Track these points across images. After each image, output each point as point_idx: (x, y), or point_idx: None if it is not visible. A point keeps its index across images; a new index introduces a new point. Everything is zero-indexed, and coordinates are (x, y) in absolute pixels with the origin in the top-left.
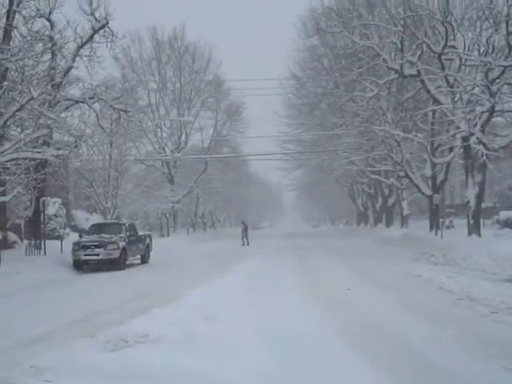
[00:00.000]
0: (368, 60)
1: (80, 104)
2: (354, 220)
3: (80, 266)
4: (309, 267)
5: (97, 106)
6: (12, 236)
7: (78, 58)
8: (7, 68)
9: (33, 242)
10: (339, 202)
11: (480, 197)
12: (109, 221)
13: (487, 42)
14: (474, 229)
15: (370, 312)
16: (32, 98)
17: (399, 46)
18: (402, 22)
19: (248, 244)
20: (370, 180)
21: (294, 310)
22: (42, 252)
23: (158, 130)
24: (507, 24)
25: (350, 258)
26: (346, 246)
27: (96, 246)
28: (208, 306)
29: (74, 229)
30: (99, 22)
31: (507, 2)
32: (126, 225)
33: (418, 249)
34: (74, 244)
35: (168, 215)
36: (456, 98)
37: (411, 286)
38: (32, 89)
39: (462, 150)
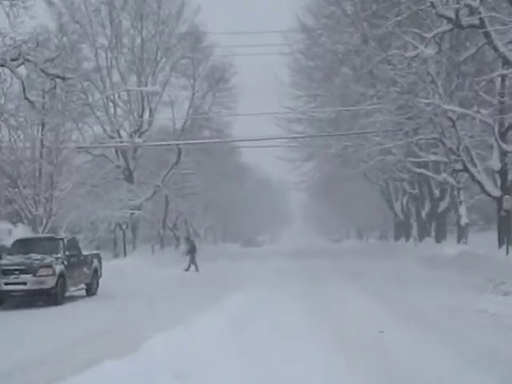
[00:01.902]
0: (410, 4)
1: None
2: (391, 232)
3: None
4: (326, 302)
5: (22, 70)
6: None
7: None
8: None
9: None
10: (369, 207)
11: None
12: (40, 235)
13: None
14: None
15: (414, 368)
16: None
17: None
18: None
19: (196, 269)
20: (412, 176)
21: (303, 365)
22: None
23: (111, 104)
24: None
25: (385, 287)
26: (379, 269)
27: (22, 272)
28: (180, 356)
29: None
30: None
31: None
32: (65, 241)
33: (481, 273)
34: None
35: (125, 226)
36: None
37: (473, 327)
38: None
39: None
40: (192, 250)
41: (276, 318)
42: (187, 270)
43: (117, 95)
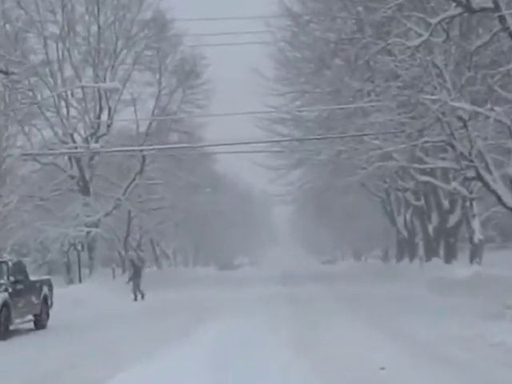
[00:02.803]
0: None
1: None
2: (393, 252)
3: None
4: (318, 335)
5: None
6: None
7: None
8: None
9: None
10: (368, 223)
11: None
12: None
13: None
14: None
15: None
16: None
17: None
18: None
19: (142, 297)
20: (417, 185)
21: None
22: None
23: (63, 104)
24: None
25: (386, 316)
26: (379, 295)
27: None
28: None
29: None
30: None
31: None
32: (9, 264)
33: (498, 299)
34: None
35: (80, 247)
36: None
37: (488, 363)
38: None
39: None
40: (135, 276)
41: (252, 354)
42: (135, 299)
43: (70, 93)
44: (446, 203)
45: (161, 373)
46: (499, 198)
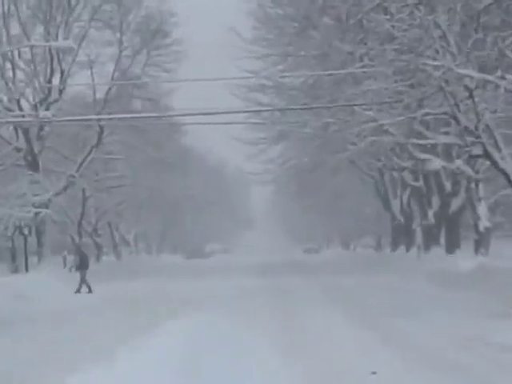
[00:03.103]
0: None
1: None
2: (387, 239)
3: None
4: (301, 335)
5: None
6: None
7: None
8: None
9: None
10: (358, 207)
11: None
12: None
13: None
14: None
15: None
16: None
17: None
18: None
19: (89, 290)
20: (415, 163)
21: None
22: None
23: (8, 65)
24: None
25: (379, 313)
26: (371, 288)
27: None
28: None
29: None
30: None
31: None
32: None
33: (505, 294)
34: None
35: (27, 231)
36: None
37: (492, 367)
38: None
39: None
40: (82, 265)
41: (228, 355)
42: (78, 291)
43: (16, 53)
44: (448, 185)
45: (118, 381)
46: (509, 179)
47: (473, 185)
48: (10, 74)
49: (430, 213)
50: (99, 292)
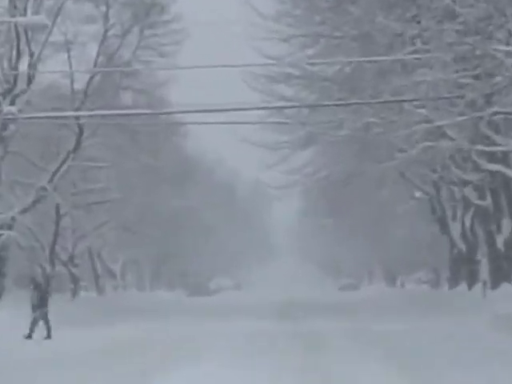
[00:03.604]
0: None
1: None
2: (445, 274)
3: None
4: None
5: None
6: None
7: None
8: None
9: None
10: (407, 231)
11: None
12: None
13: None
14: None
15: None
16: None
17: None
18: None
19: (49, 334)
20: (481, 176)
21: None
22: None
23: None
24: None
25: (432, 369)
26: (423, 336)
27: None
28: None
29: None
30: None
31: None
32: None
33: None
34: None
35: None
36: None
37: None
38: None
39: None
40: (42, 303)
41: None
42: (29, 336)
43: None
44: None
45: None
46: None
47: None
48: None
49: (500, 239)
50: (67, 339)
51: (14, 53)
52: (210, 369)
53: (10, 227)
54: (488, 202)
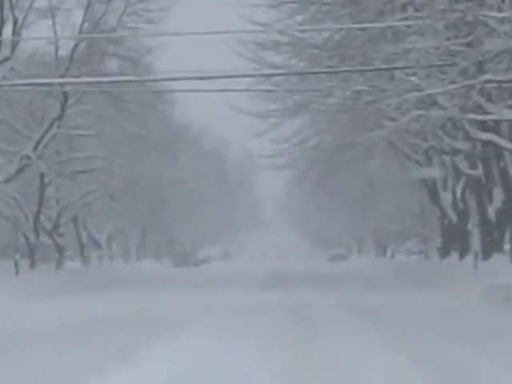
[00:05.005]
0: None
1: None
2: (435, 244)
3: None
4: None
5: None
6: None
7: None
8: None
9: None
10: (398, 201)
11: None
12: None
13: None
14: None
15: None
16: None
17: None
18: None
19: None
20: (473, 145)
21: None
22: None
23: None
24: None
25: (422, 343)
26: (415, 309)
27: None
28: None
29: None
30: None
31: None
32: None
33: None
34: None
35: None
36: None
37: None
38: None
39: None
40: None
41: None
42: None
43: None
44: None
45: None
46: None
47: None
48: None
49: (491, 210)
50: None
51: None
52: (198, 340)
53: None
54: (479, 171)
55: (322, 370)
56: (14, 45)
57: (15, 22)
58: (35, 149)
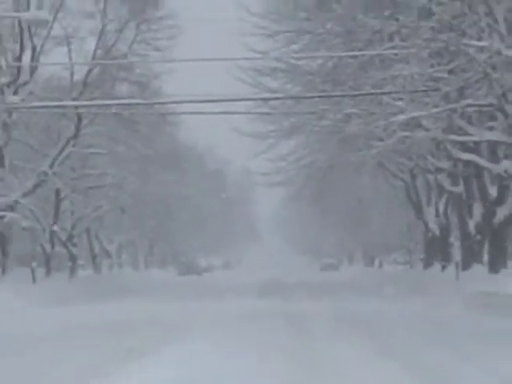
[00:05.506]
0: None
1: None
2: (419, 255)
3: None
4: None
5: None
6: None
7: None
8: None
9: None
10: (385, 216)
11: None
12: None
13: None
14: None
15: None
16: None
17: None
18: None
19: None
20: (454, 164)
21: None
22: None
23: None
24: None
25: (407, 347)
26: (399, 315)
27: None
28: None
29: None
30: None
31: None
32: None
33: None
34: None
35: None
36: None
37: None
38: None
39: None
40: None
41: None
42: None
43: None
44: (493, 190)
45: None
46: None
47: None
48: None
49: (471, 224)
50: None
51: (18, 46)
52: (204, 346)
53: (12, 209)
54: (460, 188)
55: (320, 376)
56: (33, 70)
57: (34, 49)
58: (51, 166)
